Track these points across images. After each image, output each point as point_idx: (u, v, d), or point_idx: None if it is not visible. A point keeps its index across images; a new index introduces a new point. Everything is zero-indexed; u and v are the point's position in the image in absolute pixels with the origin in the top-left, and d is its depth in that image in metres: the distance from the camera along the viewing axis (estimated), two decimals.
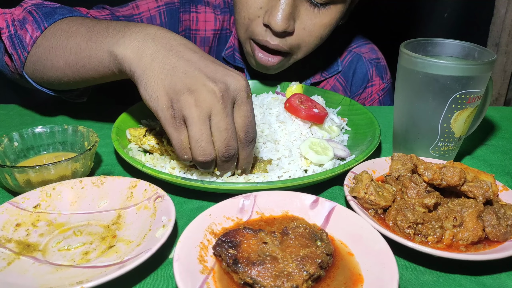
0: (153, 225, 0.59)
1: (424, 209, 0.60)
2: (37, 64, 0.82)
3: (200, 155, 0.63)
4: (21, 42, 0.81)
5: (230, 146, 0.64)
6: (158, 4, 1.09)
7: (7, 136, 0.74)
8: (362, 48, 1.19)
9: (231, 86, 0.62)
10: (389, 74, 1.21)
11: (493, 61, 0.70)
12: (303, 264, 0.49)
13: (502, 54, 1.88)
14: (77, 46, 0.74)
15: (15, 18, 0.83)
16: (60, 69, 0.78)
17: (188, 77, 0.61)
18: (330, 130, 0.86)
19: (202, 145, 0.62)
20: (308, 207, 0.62)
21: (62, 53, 0.77)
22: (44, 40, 0.80)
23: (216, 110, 0.61)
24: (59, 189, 0.66)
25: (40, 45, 0.80)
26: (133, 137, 0.79)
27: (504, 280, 0.55)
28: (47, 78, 0.83)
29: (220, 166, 0.67)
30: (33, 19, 0.82)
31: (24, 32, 0.81)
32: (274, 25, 0.87)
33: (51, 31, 0.80)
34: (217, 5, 1.14)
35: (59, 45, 0.77)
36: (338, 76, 1.18)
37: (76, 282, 0.49)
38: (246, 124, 0.65)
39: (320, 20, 0.92)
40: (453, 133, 0.75)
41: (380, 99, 1.20)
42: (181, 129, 0.63)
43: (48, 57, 0.79)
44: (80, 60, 0.74)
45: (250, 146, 0.67)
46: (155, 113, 0.64)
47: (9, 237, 0.58)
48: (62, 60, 0.77)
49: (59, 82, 0.83)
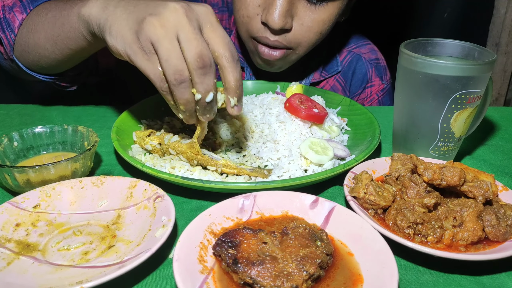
0: (153, 225, 0.59)
1: (424, 209, 0.60)
2: (23, 45, 0.85)
3: (173, 74, 0.59)
4: (9, 25, 0.85)
5: (204, 55, 0.59)
6: None
7: (7, 136, 0.74)
8: (362, 49, 1.19)
9: (195, 8, 0.61)
10: (388, 75, 1.21)
11: (493, 61, 0.70)
12: (303, 264, 0.49)
13: (502, 54, 1.89)
14: (53, 17, 0.78)
15: (5, 4, 0.86)
16: (41, 45, 0.81)
17: (149, 6, 0.61)
18: (330, 130, 0.87)
19: (173, 62, 0.58)
20: (308, 207, 0.62)
21: (41, 27, 0.80)
22: (28, 20, 0.84)
23: (181, 26, 0.58)
24: (59, 189, 0.66)
25: (25, 25, 0.84)
26: (138, 138, 0.79)
27: (504, 280, 0.55)
28: (33, 58, 0.85)
29: (198, 84, 0.61)
30: (20, 3, 0.85)
31: (11, 15, 0.85)
32: (272, 22, 0.88)
33: (35, 11, 0.83)
34: (215, 3, 1.14)
35: (40, 21, 0.80)
36: (337, 76, 1.19)
37: (75, 282, 0.49)
38: (226, 42, 0.61)
39: (319, 16, 0.92)
40: (453, 133, 0.75)
41: (379, 100, 1.20)
42: (153, 59, 0.60)
43: (31, 35, 0.82)
44: (55, 30, 0.77)
45: (238, 65, 0.63)
46: (124, 56, 0.62)
47: (9, 237, 0.58)
48: (42, 35, 0.80)
49: (44, 61, 0.85)
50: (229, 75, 0.62)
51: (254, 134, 0.83)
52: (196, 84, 0.61)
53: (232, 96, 0.64)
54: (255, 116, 0.89)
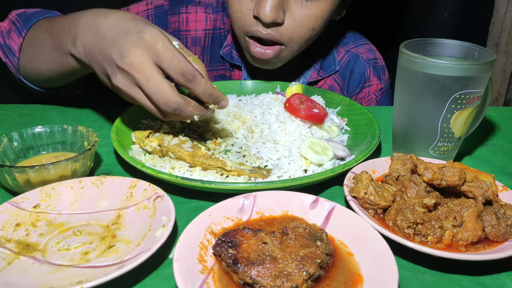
0: (153, 225, 0.59)
1: (424, 209, 0.60)
2: (25, 68, 0.91)
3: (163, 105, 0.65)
4: (10, 50, 0.91)
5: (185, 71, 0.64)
6: (148, 8, 1.13)
7: (6, 136, 0.74)
8: (360, 48, 1.19)
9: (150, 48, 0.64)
10: (387, 75, 1.21)
11: (493, 61, 0.70)
12: (303, 264, 0.49)
13: (502, 54, 1.88)
14: (48, 55, 0.83)
15: (3, 30, 0.92)
16: (40, 69, 0.87)
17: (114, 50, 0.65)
18: (330, 130, 0.87)
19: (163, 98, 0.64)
20: (308, 207, 0.62)
21: (40, 61, 0.86)
22: (25, 46, 0.90)
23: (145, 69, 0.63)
24: (59, 189, 0.66)
25: (23, 51, 0.90)
26: (137, 139, 0.79)
27: (504, 280, 0.56)
28: (36, 78, 0.92)
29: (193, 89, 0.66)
30: (15, 27, 0.91)
31: (10, 41, 0.91)
32: (263, 15, 0.88)
33: (29, 36, 0.89)
34: (210, 4, 1.15)
35: (35, 52, 0.87)
36: (335, 76, 1.19)
37: (75, 282, 0.49)
38: (181, 66, 0.64)
39: (311, 11, 0.93)
40: (453, 133, 0.75)
41: (377, 100, 1.20)
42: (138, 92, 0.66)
43: (30, 60, 0.89)
44: (53, 64, 0.83)
45: (196, 79, 0.66)
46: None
47: (9, 237, 0.58)
48: (43, 67, 0.86)
49: (48, 82, 0.92)
50: (196, 92, 0.67)
51: (254, 134, 0.83)
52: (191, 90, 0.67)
53: (210, 104, 0.70)
54: (255, 116, 0.89)
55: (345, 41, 1.20)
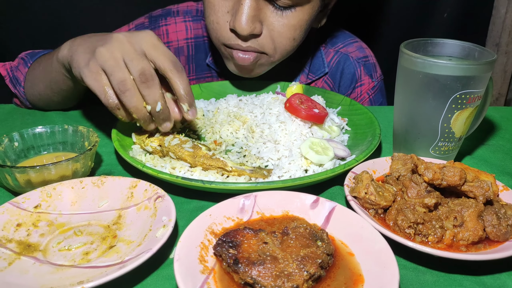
0: (154, 225, 0.59)
1: (425, 209, 0.60)
2: (31, 95, 0.99)
3: (117, 84, 0.67)
4: (17, 81, 1.00)
5: (145, 70, 0.68)
6: (129, 28, 1.16)
7: (7, 136, 0.74)
8: (349, 48, 1.17)
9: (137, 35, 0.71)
10: (379, 72, 1.19)
11: (493, 61, 0.70)
12: (304, 264, 0.49)
13: (502, 54, 1.88)
14: (44, 69, 0.92)
15: (12, 66, 1.01)
16: (43, 93, 0.95)
17: (100, 39, 0.71)
18: (330, 130, 0.87)
19: (117, 75, 0.67)
20: (308, 207, 0.62)
21: (38, 79, 0.94)
22: (28, 75, 0.98)
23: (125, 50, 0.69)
24: (60, 189, 0.66)
25: (27, 80, 0.98)
26: (138, 139, 0.79)
27: (505, 280, 0.56)
28: (43, 103, 0.99)
29: (146, 97, 0.69)
30: (23, 61, 1.00)
31: (18, 73, 1.00)
32: (239, 28, 0.87)
33: (32, 66, 0.98)
34: (189, 11, 1.15)
35: (35, 75, 0.95)
36: (326, 78, 1.17)
37: (76, 282, 0.49)
38: (168, 57, 0.70)
39: (288, 22, 0.91)
40: (453, 133, 0.75)
41: (370, 98, 1.18)
42: (100, 78, 0.69)
43: (33, 87, 0.97)
44: (47, 77, 0.90)
45: (183, 75, 0.71)
46: (79, 79, 0.71)
47: (10, 237, 0.58)
48: (41, 85, 0.94)
49: (52, 104, 0.99)
50: (176, 84, 0.70)
51: (255, 134, 0.83)
52: (145, 97, 0.69)
53: (184, 102, 0.72)
54: (255, 116, 0.89)
55: (333, 41, 1.18)
